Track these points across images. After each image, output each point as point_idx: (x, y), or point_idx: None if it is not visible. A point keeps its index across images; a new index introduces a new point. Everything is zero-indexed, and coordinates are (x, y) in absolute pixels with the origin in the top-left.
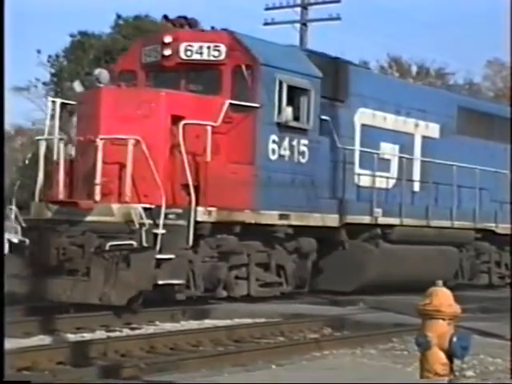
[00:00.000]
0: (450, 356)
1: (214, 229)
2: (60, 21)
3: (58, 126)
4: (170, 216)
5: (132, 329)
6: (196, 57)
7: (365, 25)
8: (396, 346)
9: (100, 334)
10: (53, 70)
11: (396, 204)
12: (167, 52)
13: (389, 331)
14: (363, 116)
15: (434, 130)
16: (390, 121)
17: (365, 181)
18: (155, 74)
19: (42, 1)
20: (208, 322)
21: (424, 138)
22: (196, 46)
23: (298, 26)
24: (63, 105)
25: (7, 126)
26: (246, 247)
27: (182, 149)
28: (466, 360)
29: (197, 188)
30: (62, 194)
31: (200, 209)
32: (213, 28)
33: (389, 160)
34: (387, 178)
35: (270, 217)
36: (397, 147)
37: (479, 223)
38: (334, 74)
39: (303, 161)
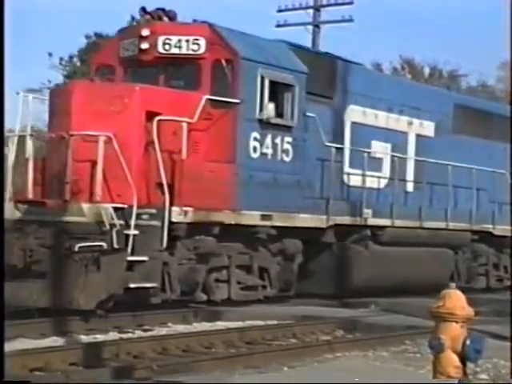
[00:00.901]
0: (464, 359)
1: (192, 230)
2: (72, 22)
3: (29, 122)
4: (144, 216)
5: (144, 330)
6: (174, 51)
7: (377, 26)
8: (409, 349)
9: (113, 335)
10: (65, 72)
11: (388, 205)
12: (144, 46)
13: (401, 333)
14: (353, 113)
15: (428, 128)
16: (381, 118)
17: (355, 180)
18: (133, 69)
19: (55, 3)
20: (220, 324)
21: (418, 136)
22: (174, 39)
23: (310, 27)
24: None
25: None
26: (227, 249)
27: (156, 146)
28: (479, 363)
29: (172, 187)
30: (30, 194)
31: (175, 209)
32: (195, 21)
33: (380, 159)
34: (379, 177)
35: (252, 217)
36: (389, 146)
37: (475, 225)
38: (323, 69)
39: (287, 159)
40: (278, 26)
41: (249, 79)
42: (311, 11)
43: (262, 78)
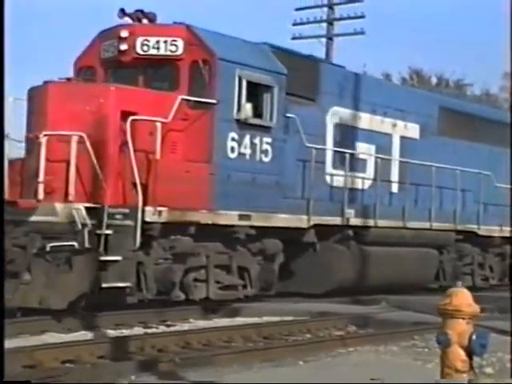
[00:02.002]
0: (470, 353)
1: (168, 229)
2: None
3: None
4: (117, 216)
5: (168, 326)
6: (153, 52)
7: (388, 38)
8: (417, 344)
9: (138, 330)
10: None
11: (372, 205)
12: (123, 47)
13: (410, 329)
14: (336, 115)
15: (413, 130)
16: (365, 120)
17: (338, 181)
18: (114, 70)
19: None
20: (239, 320)
21: (403, 138)
22: (153, 40)
23: (324, 40)
24: None
25: None
26: (205, 249)
27: (130, 146)
28: (484, 357)
29: (146, 187)
30: (6, 194)
31: (148, 208)
32: (175, 23)
33: (365, 160)
34: (363, 178)
35: (229, 217)
36: (373, 147)
37: (460, 225)
38: (306, 71)
39: (266, 159)
40: (294, 38)
41: (226, 80)
42: (325, 25)
43: (240, 79)
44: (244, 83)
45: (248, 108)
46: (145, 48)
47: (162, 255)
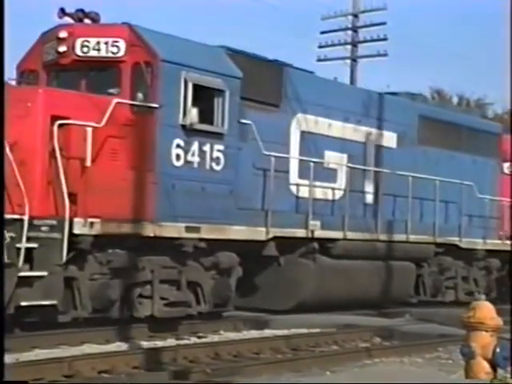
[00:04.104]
0: (494, 365)
1: (107, 242)
2: None
3: None
4: (43, 228)
5: (199, 337)
6: (93, 53)
7: (410, 60)
8: (441, 355)
9: (170, 341)
10: None
11: (342, 216)
12: (62, 48)
13: (434, 341)
14: (302, 122)
15: (389, 139)
16: (336, 128)
17: (305, 191)
18: (56, 74)
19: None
20: (268, 332)
21: (378, 147)
22: (93, 41)
23: (348, 62)
24: None
25: None
26: (149, 263)
27: (57, 152)
28: (508, 369)
29: (76, 196)
30: None
31: (78, 220)
32: (117, 23)
33: (335, 170)
34: (333, 188)
35: (175, 229)
36: (345, 156)
37: (440, 237)
38: (268, 76)
39: (218, 168)
40: (319, 60)
41: (170, 82)
42: (349, 47)
43: (186, 82)
44: (190, 86)
45: (194, 113)
46: (85, 49)
47: (97, 270)
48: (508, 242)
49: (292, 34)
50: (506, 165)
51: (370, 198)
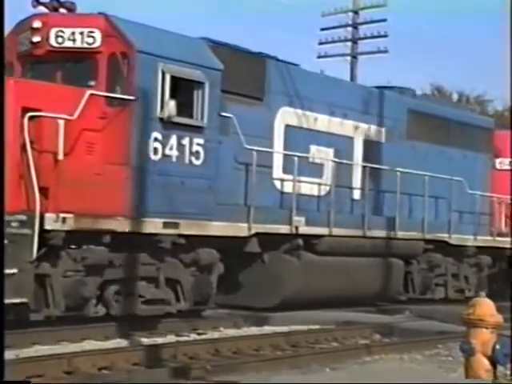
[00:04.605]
0: (494, 362)
1: (80, 238)
2: None
3: None
4: (13, 224)
5: (199, 334)
6: (68, 44)
7: (410, 56)
8: (441, 352)
9: (170, 338)
10: None
11: (327, 212)
12: (36, 39)
13: (434, 338)
14: (287, 116)
15: (378, 133)
16: (322, 122)
17: (289, 186)
18: (31, 65)
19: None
20: (267, 329)
21: (366, 141)
22: (68, 31)
23: (348, 58)
24: None
25: None
26: (126, 259)
27: (27, 146)
28: (508, 366)
29: (48, 191)
30: None
31: (49, 215)
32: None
33: (321, 165)
34: (318, 184)
35: (152, 225)
36: (331, 151)
37: (429, 233)
38: (251, 69)
39: (197, 162)
40: (319, 57)
41: (147, 74)
42: (349, 44)
43: (163, 73)
44: (168, 78)
45: (172, 105)
46: (59, 40)
47: (71, 267)
48: (499, 238)
49: (292, 30)
50: (498, 160)
51: (357, 194)
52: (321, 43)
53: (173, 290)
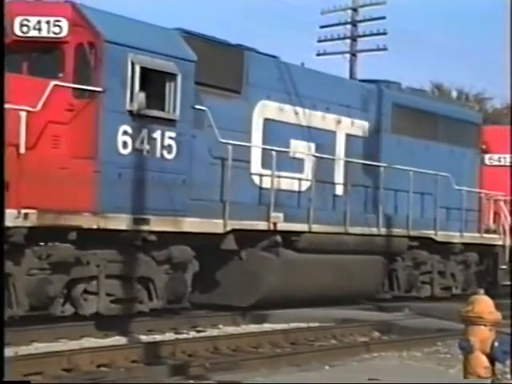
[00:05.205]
0: (492, 360)
1: (46, 235)
2: None
3: None
4: None
5: (198, 331)
6: (34, 33)
7: (409, 54)
8: (440, 350)
9: (169, 335)
10: None
11: (307, 208)
12: None
13: (433, 336)
14: (266, 109)
15: (361, 127)
16: (303, 116)
17: (268, 182)
18: None
19: None
20: (267, 326)
21: (348, 136)
22: (33, 20)
23: (347, 56)
24: None
25: None
26: (95, 257)
27: None
28: (507, 364)
29: (8, 186)
30: None
31: (9, 211)
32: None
33: (302, 160)
34: (299, 179)
35: (121, 221)
36: (313, 145)
37: (414, 230)
38: (228, 61)
39: (169, 156)
40: (318, 54)
41: (116, 65)
42: (348, 41)
43: (133, 64)
44: (137, 69)
45: (142, 98)
46: (24, 29)
47: (36, 265)
48: (486, 235)
49: (292, 28)
50: (488, 156)
51: (339, 190)
52: (320, 41)
53: (145, 288)
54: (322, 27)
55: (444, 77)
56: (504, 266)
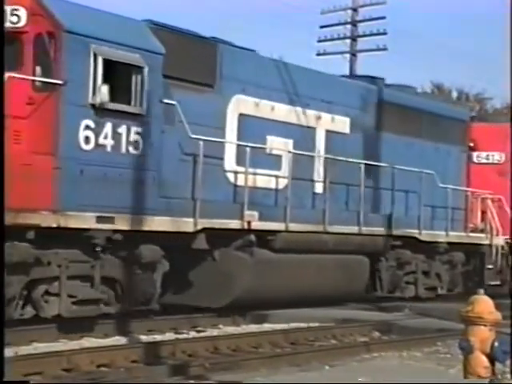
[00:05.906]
0: (492, 360)
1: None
2: None
3: None
4: None
5: (198, 331)
6: None
7: (409, 54)
8: (440, 350)
9: (169, 335)
10: None
11: (284, 207)
12: None
13: (433, 336)
14: (240, 104)
15: (342, 124)
16: (279, 111)
17: (243, 180)
18: None
19: None
20: (267, 326)
21: (329, 132)
22: None
23: (347, 56)
24: None
25: None
26: (55, 257)
27: None
28: (507, 364)
29: None
30: None
31: None
32: None
33: (279, 156)
34: (276, 176)
35: (83, 220)
36: (291, 142)
37: (396, 229)
38: (200, 53)
39: (136, 152)
40: (318, 54)
41: (77, 56)
42: (348, 41)
43: (95, 56)
44: (100, 61)
45: (105, 91)
46: None
47: None
48: (473, 234)
49: (292, 28)
50: (476, 154)
51: (319, 187)
52: (320, 41)
53: (112, 289)
54: (322, 27)
55: (444, 77)
56: (491, 266)
